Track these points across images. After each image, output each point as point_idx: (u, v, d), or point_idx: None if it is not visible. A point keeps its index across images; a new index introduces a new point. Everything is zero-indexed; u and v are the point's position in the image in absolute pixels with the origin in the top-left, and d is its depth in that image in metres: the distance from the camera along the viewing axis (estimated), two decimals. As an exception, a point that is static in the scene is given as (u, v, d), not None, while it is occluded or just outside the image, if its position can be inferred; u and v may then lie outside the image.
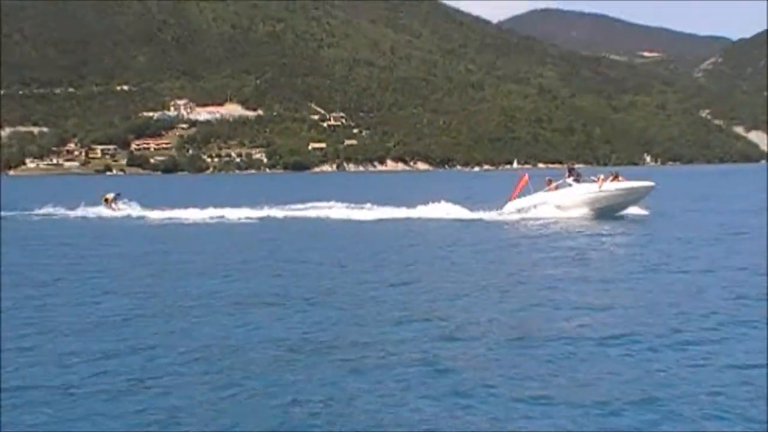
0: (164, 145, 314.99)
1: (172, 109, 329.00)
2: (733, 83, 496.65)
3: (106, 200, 60.57)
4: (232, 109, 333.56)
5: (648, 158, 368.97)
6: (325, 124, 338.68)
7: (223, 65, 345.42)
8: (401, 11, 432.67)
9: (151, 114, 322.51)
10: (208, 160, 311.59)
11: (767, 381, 13.45)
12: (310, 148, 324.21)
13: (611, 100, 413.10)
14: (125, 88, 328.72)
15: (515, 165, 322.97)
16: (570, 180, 49.42)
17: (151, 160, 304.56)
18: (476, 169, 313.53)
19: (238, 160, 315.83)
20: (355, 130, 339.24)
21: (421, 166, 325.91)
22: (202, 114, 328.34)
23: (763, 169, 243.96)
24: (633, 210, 49.34)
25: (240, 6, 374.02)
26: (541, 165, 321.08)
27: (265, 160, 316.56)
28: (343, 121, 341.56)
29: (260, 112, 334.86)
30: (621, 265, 29.18)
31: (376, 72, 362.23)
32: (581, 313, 20.64)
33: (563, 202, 48.27)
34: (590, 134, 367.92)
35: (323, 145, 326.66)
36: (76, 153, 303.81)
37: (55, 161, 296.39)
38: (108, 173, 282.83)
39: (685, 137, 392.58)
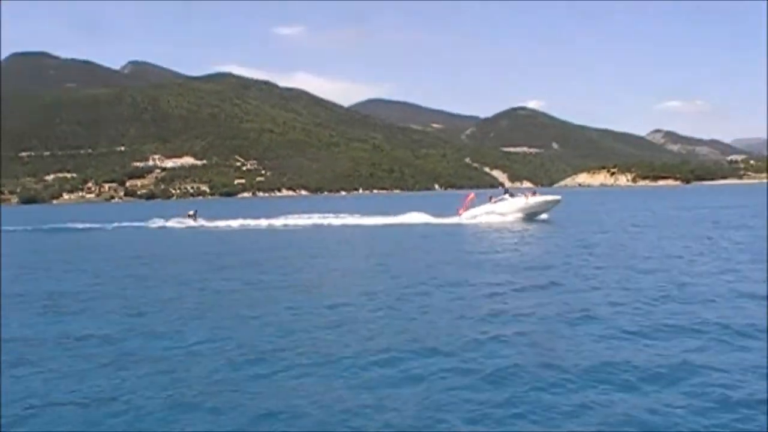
0: (146, 183, 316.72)
1: (151, 160, 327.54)
2: (482, 142, 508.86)
3: (190, 215, 57.27)
4: (188, 160, 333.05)
5: (437, 186, 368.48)
6: (244, 168, 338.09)
7: (182, 133, 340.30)
8: (290, 100, 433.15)
9: (138, 164, 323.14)
10: (173, 191, 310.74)
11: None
12: (235, 182, 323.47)
13: (415, 152, 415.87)
14: (122, 149, 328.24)
15: (360, 191, 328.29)
16: (506, 196, 48.59)
17: (138, 192, 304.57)
18: (342, 193, 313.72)
19: (191, 190, 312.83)
20: (263, 171, 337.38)
21: (303, 192, 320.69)
22: (169, 163, 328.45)
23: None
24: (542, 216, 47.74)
25: (191, 98, 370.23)
26: (375, 191, 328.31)
27: (208, 191, 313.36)
28: (255, 166, 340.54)
29: (205, 161, 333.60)
30: (537, 244, 30.80)
31: (275, 136, 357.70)
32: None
33: (503, 210, 47.04)
34: (403, 172, 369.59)
35: (243, 180, 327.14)
36: (93, 189, 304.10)
37: (80, 194, 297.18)
38: (112, 201, 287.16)
39: (457, 174, 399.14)
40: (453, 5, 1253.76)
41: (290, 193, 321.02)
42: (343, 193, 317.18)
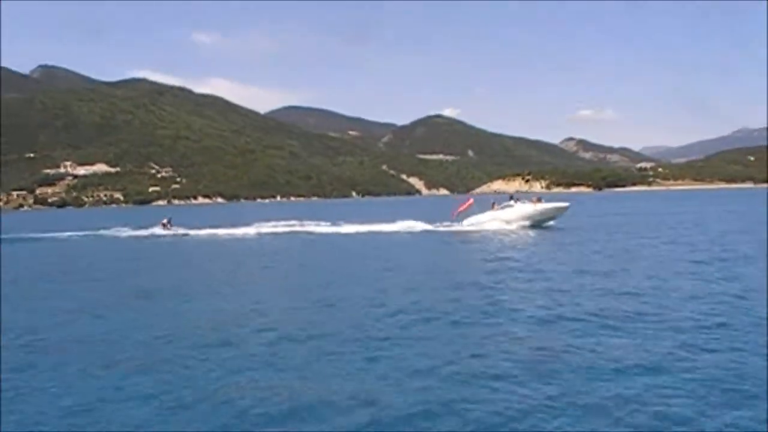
0: (57, 191, 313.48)
1: (62, 167, 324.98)
2: (399, 150, 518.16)
3: (163, 224, 54.31)
4: (101, 167, 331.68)
5: (354, 193, 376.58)
6: (159, 176, 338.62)
7: (95, 140, 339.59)
8: (205, 106, 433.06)
9: (49, 171, 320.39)
10: (86, 199, 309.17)
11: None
12: (150, 190, 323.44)
13: (332, 160, 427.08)
14: (32, 155, 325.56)
15: (279, 198, 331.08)
16: (512, 203, 45.22)
17: (49, 200, 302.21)
18: (261, 200, 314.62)
19: (105, 198, 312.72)
20: (178, 179, 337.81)
21: (220, 200, 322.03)
22: (81, 170, 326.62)
23: (431, 200, 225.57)
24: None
25: (104, 104, 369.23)
26: (292, 198, 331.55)
27: (122, 198, 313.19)
28: (170, 173, 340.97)
29: (119, 168, 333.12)
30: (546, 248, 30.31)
31: (190, 143, 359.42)
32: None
33: (509, 217, 44.04)
34: (320, 179, 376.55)
35: (158, 188, 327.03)
36: (1, 197, 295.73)
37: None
38: (22, 209, 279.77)
39: (374, 181, 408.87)
40: (369, 12, 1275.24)
41: (206, 200, 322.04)
42: (265, 200, 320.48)
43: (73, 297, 19.47)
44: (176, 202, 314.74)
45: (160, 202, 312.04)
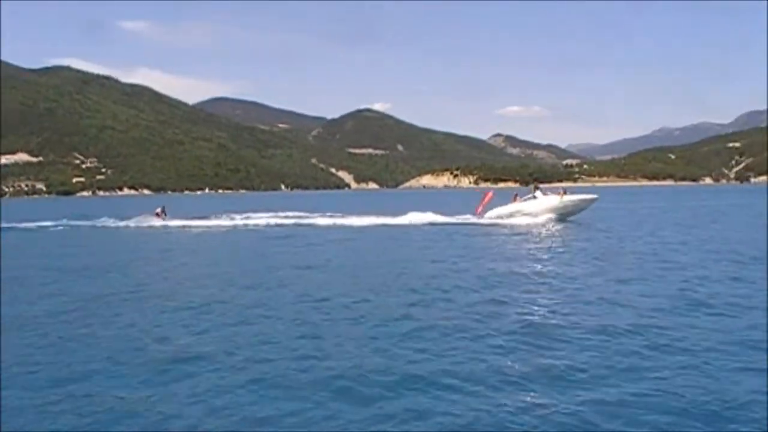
0: None
1: None
2: (328, 143, 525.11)
3: (157, 214, 51.20)
4: (22, 157, 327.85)
5: (283, 186, 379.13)
6: (83, 166, 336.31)
7: (17, 128, 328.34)
8: (133, 96, 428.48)
9: None
10: (6, 189, 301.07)
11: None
12: (74, 181, 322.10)
13: (261, 152, 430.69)
14: None
15: (207, 191, 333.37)
16: (537, 194, 42.76)
17: None
18: (190, 192, 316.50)
19: (26, 188, 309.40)
20: (103, 170, 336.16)
21: (146, 191, 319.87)
22: (2, 160, 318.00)
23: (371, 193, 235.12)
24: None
25: (26, 91, 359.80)
26: (220, 191, 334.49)
27: (44, 189, 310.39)
28: (96, 163, 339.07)
29: (41, 158, 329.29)
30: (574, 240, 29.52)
31: (116, 134, 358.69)
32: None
33: (533, 210, 41.94)
34: (249, 172, 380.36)
35: (83, 179, 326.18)
36: None
37: None
38: None
39: (303, 174, 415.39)
40: (302, 6, 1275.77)
41: (132, 192, 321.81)
42: (196, 192, 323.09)
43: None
44: (101, 193, 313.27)
45: (84, 193, 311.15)
